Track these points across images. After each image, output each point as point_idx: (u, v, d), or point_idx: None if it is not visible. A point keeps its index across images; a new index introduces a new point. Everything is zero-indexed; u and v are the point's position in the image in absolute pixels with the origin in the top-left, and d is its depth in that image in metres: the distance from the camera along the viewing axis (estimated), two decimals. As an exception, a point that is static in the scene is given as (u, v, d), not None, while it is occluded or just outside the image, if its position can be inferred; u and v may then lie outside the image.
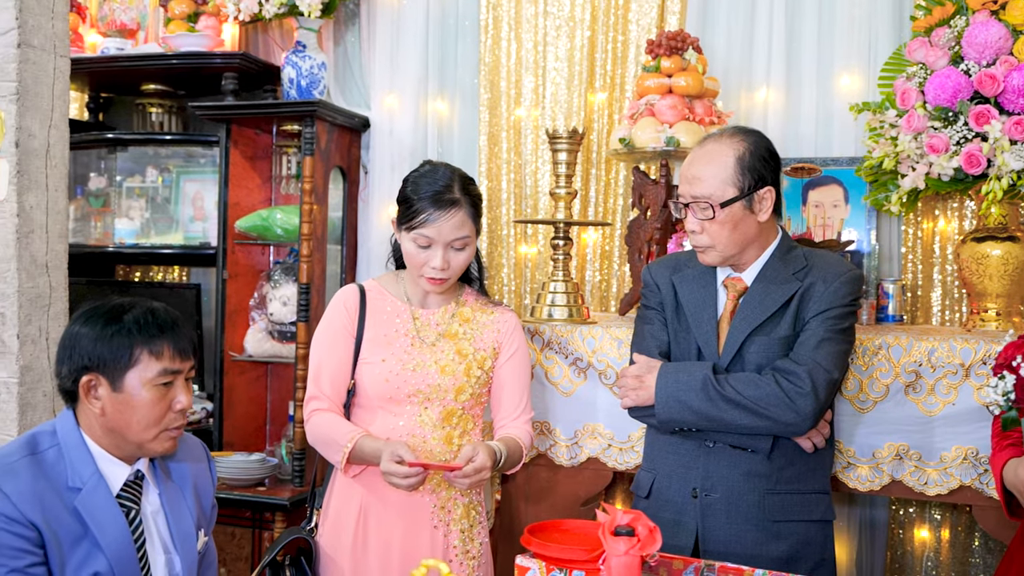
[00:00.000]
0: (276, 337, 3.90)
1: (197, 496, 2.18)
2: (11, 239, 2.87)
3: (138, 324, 1.97)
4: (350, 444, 2.39)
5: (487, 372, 2.53)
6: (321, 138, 3.72)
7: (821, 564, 2.37)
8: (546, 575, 2.06)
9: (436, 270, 2.42)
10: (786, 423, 2.26)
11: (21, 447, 1.95)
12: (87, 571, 1.92)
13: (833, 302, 2.31)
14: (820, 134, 3.46)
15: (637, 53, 3.67)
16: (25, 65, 2.88)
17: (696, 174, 2.32)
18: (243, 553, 3.74)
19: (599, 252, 3.77)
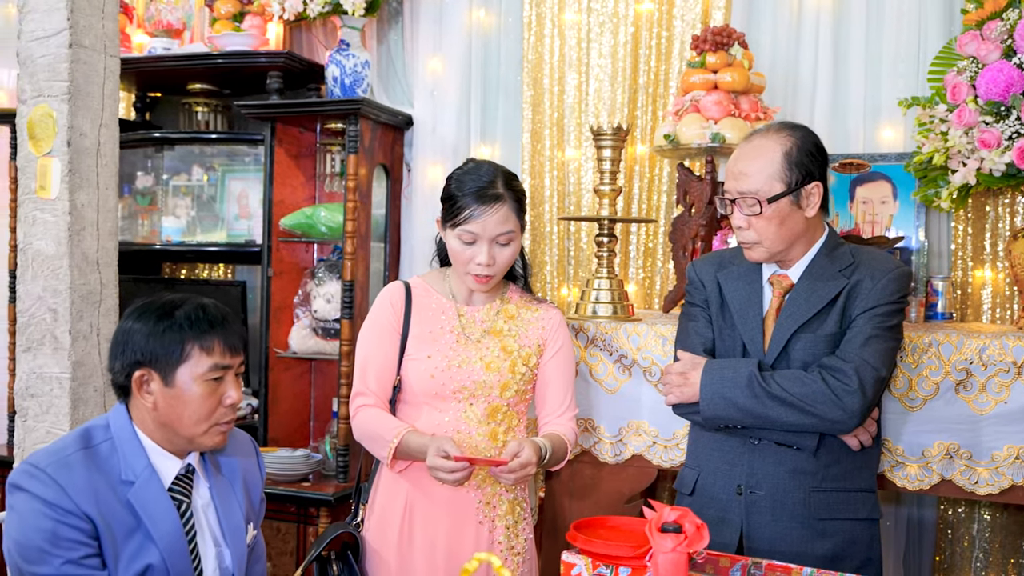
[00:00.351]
0: (320, 334, 3.93)
1: (246, 490, 2.20)
2: (63, 236, 2.92)
3: (189, 320, 2.00)
4: (396, 439, 2.40)
5: (532, 369, 2.53)
6: (365, 136, 3.74)
7: (867, 563, 2.35)
8: (592, 571, 2.06)
9: (482, 266, 2.42)
10: (833, 421, 2.24)
11: (75, 441, 1.99)
12: (140, 563, 1.95)
13: (881, 299, 2.28)
14: (868, 129, 3.43)
15: (682, 49, 3.65)
16: (76, 65, 2.92)
17: (743, 169, 2.30)
18: (288, 548, 3.77)
19: (643, 249, 3.76)
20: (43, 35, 2.92)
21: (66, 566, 1.86)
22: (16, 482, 1.91)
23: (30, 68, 2.96)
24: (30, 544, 1.86)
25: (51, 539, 1.86)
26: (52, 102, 2.92)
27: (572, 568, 2.08)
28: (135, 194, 4.27)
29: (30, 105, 2.97)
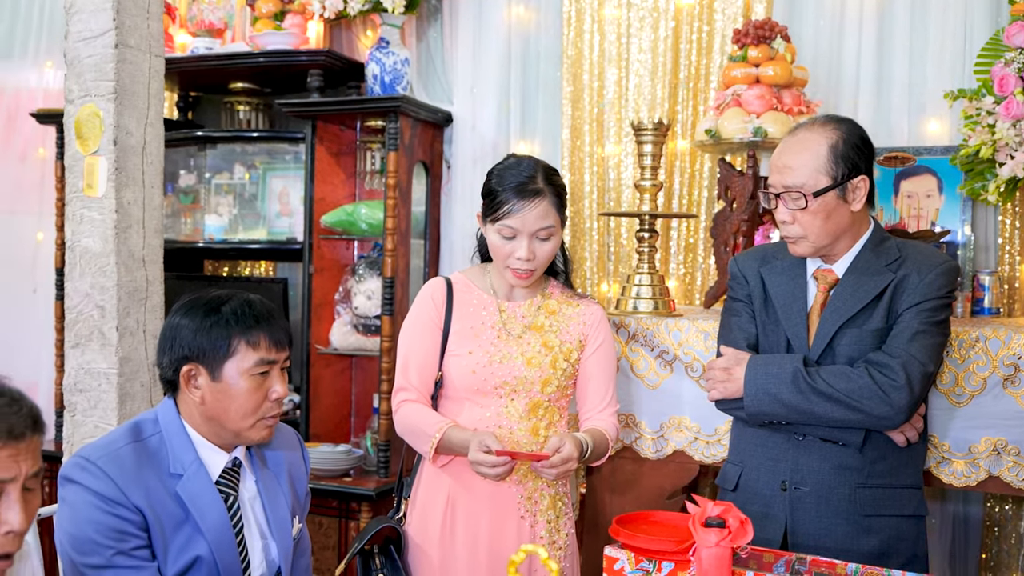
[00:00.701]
0: (361, 330, 3.95)
1: (292, 483, 2.23)
2: (110, 234, 2.96)
3: (236, 315, 2.02)
4: (438, 434, 2.41)
5: (573, 364, 2.53)
6: (405, 133, 3.75)
7: (913, 560, 2.33)
8: (635, 566, 2.06)
9: (521, 261, 2.43)
10: (879, 416, 2.22)
11: (125, 434, 2.01)
12: (188, 555, 1.98)
13: (928, 294, 2.26)
14: (913, 122, 3.39)
15: (722, 43, 3.63)
16: (122, 65, 2.96)
17: (788, 163, 2.28)
18: (330, 542, 3.80)
19: (683, 245, 3.75)
20: (90, 35, 2.97)
21: (117, 557, 1.89)
22: (68, 475, 1.95)
23: (77, 68, 3.00)
24: (82, 535, 1.89)
25: (102, 530, 1.89)
26: (99, 101, 2.97)
27: (615, 562, 2.08)
28: (178, 193, 4.32)
29: (77, 105, 3.01)
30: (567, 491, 2.61)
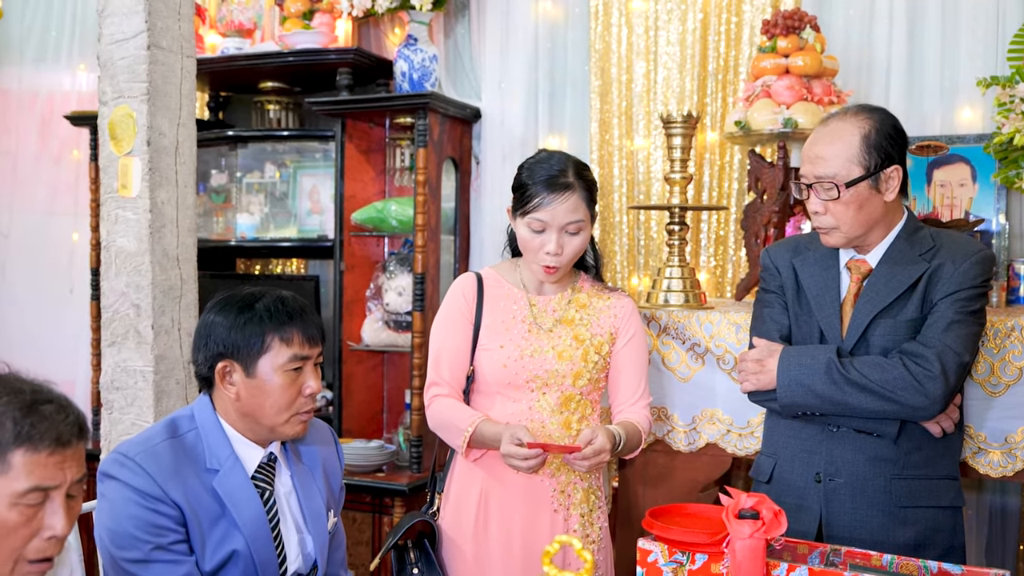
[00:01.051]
0: (392, 327, 3.97)
1: (326, 478, 2.25)
2: (144, 234, 3.00)
3: (269, 312, 2.04)
4: (471, 428, 2.42)
5: (604, 357, 2.53)
6: (434, 130, 3.77)
7: (950, 551, 2.30)
8: (668, 558, 2.06)
9: (551, 256, 2.43)
10: (914, 407, 2.21)
11: (162, 431, 2.04)
12: (225, 549, 2.00)
13: (963, 283, 2.24)
14: (945, 111, 3.36)
15: (751, 34, 3.62)
16: (154, 66, 2.99)
17: (820, 153, 2.26)
18: (363, 537, 3.83)
19: (714, 237, 3.73)
20: (122, 38, 3.00)
21: (155, 551, 1.91)
22: (107, 471, 1.97)
23: (110, 70, 3.03)
24: (121, 530, 1.92)
25: (141, 525, 1.91)
26: (132, 103, 3.00)
27: (648, 555, 2.08)
28: (210, 192, 4.35)
29: (111, 106, 3.04)
30: (600, 484, 2.61)
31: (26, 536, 1.55)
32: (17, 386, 1.57)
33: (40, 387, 1.60)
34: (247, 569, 2.03)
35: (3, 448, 1.51)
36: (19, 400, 1.54)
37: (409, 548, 2.57)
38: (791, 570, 1.93)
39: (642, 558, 2.08)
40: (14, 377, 1.59)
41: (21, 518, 1.53)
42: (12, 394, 1.55)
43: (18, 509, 1.53)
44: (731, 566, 1.90)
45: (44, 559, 1.58)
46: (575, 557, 2.44)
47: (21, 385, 1.58)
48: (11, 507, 1.52)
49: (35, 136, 5.07)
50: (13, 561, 1.55)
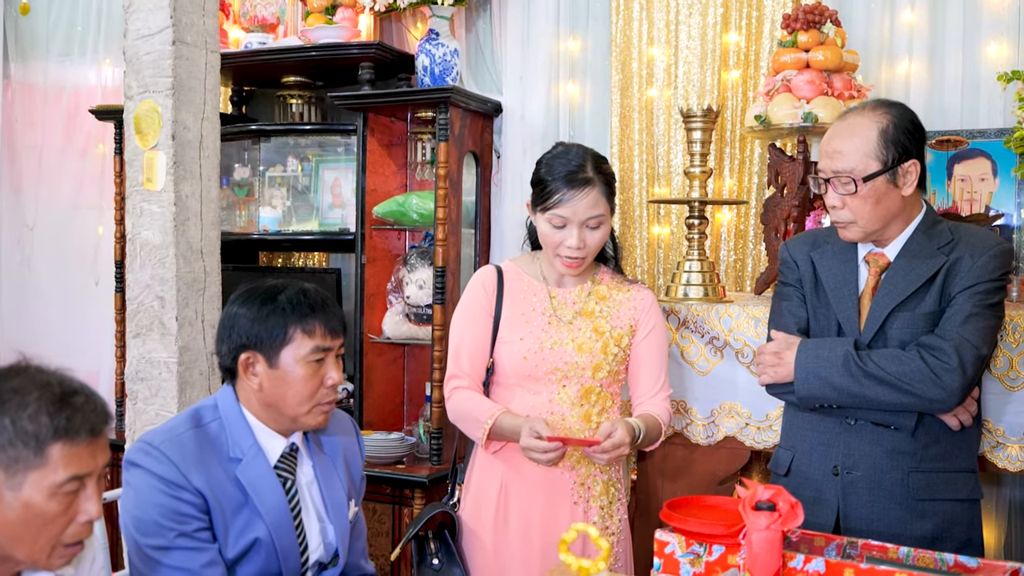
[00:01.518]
0: (413, 320, 4.00)
1: (347, 468, 2.27)
2: (169, 226, 3.04)
3: (291, 304, 2.07)
4: (490, 421, 2.44)
5: (624, 349, 2.54)
6: (455, 124, 3.79)
7: (967, 544, 2.31)
8: (686, 549, 2.08)
9: (572, 249, 2.45)
10: (932, 399, 2.21)
11: (186, 420, 2.07)
12: (248, 537, 2.03)
13: (981, 276, 2.24)
14: (966, 105, 3.34)
15: (772, 29, 3.61)
16: (179, 61, 3.03)
17: (837, 148, 2.27)
18: (384, 528, 3.86)
19: (733, 231, 3.74)
20: (148, 33, 3.03)
21: (180, 539, 1.95)
22: (132, 459, 2.01)
23: (136, 65, 3.07)
24: (146, 518, 1.95)
25: (166, 513, 1.94)
26: (157, 97, 3.03)
27: (665, 546, 2.10)
28: (233, 185, 4.39)
29: (136, 101, 3.08)
30: (620, 477, 2.63)
31: (64, 523, 1.59)
32: (43, 379, 1.60)
33: (64, 378, 1.63)
34: (269, 557, 2.06)
35: (41, 442, 1.55)
36: (50, 394, 1.58)
37: (429, 539, 2.60)
38: (807, 561, 1.94)
39: (659, 549, 2.10)
40: (36, 369, 1.62)
41: (60, 507, 1.58)
42: (41, 388, 1.58)
43: (57, 499, 1.57)
44: (747, 557, 1.91)
45: (78, 542, 1.63)
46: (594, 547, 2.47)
47: (47, 378, 1.61)
48: (50, 498, 1.57)
49: (60, 130, 5.13)
50: (51, 547, 1.60)
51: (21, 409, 1.55)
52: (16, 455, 1.54)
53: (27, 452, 1.54)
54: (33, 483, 1.55)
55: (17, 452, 1.54)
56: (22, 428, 1.54)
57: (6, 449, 1.54)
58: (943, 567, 1.99)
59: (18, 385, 1.57)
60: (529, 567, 2.50)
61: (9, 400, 1.55)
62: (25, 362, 1.63)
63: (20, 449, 1.54)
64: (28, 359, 1.64)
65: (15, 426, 1.54)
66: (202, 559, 1.96)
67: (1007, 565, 1.92)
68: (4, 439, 1.54)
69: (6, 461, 1.54)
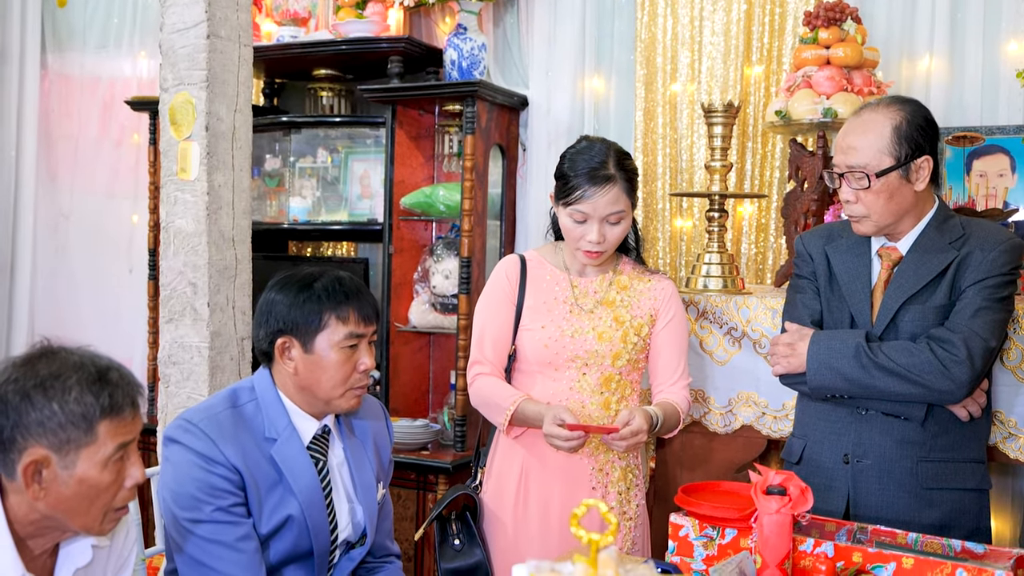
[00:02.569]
0: (438, 309, 4.05)
1: (377, 451, 2.34)
2: (202, 215, 3.11)
3: (327, 291, 2.14)
4: (512, 407, 2.51)
5: (644, 338, 2.60)
6: (481, 117, 3.85)
7: (976, 533, 2.36)
8: (699, 532, 2.14)
9: (592, 244, 2.50)
10: (940, 391, 2.26)
11: (223, 400, 2.15)
12: (281, 514, 2.11)
13: (991, 271, 2.29)
14: (986, 102, 3.37)
15: (794, 25, 3.65)
16: (213, 55, 3.09)
17: (852, 144, 2.32)
18: (408, 513, 3.92)
19: (755, 225, 3.78)
20: (183, 27, 3.10)
21: (216, 513, 2.02)
22: (171, 436, 2.09)
23: (171, 58, 3.14)
24: (184, 492, 2.03)
25: (203, 488, 2.02)
26: (191, 89, 3.10)
27: (680, 529, 2.16)
28: (264, 176, 4.46)
29: (171, 93, 3.15)
30: (638, 463, 2.69)
31: (115, 490, 1.69)
32: (76, 360, 1.67)
33: (93, 356, 1.71)
34: (301, 534, 2.13)
35: (90, 421, 1.63)
36: (87, 374, 1.65)
37: (452, 520, 2.67)
38: (817, 545, 2.01)
39: (674, 532, 2.16)
40: (65, 351, 1.69)
41: (112, 475, 1.68)
42: (77, 370, 1.65)
43: (108, 469, 1.67)
44: (758, 540, 1.97)
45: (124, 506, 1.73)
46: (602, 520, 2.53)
47: (78, 359, 1.68)
48: (103, 470, 1.66)
49: (96, 121, 5.21)
50: (103, 514, 1.70)
51: (65, 393, 1.62)
52: (67, 437, 1.62)
53: (78, 432, 1.63)
54: (85, 459, 1.64)
55: (68, 434, 1.62)
56: (71, 411, 1.62)
57: (57, 433, 1.62)
58: (950, 552, 2.04)
59: (56, 370, 1.64)
60: (548, 549, 2.56)
61: (51, 386, 1.62)
62: (51, 345, 1.70)
63: (71, 431, 1.62)
64: (51, 342, 1.71)
65: (64, 410, 1.62)
66: (237, 533, 2.04)
67: (1013, 551, 1.97)
68: (55, 423, 1.62)
69: (58, 444, 1.62)
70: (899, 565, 1.92)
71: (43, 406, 1.61)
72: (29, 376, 1.63)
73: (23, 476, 1.62)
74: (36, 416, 1.61)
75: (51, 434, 1.62)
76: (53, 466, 1.63)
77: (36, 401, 1.61)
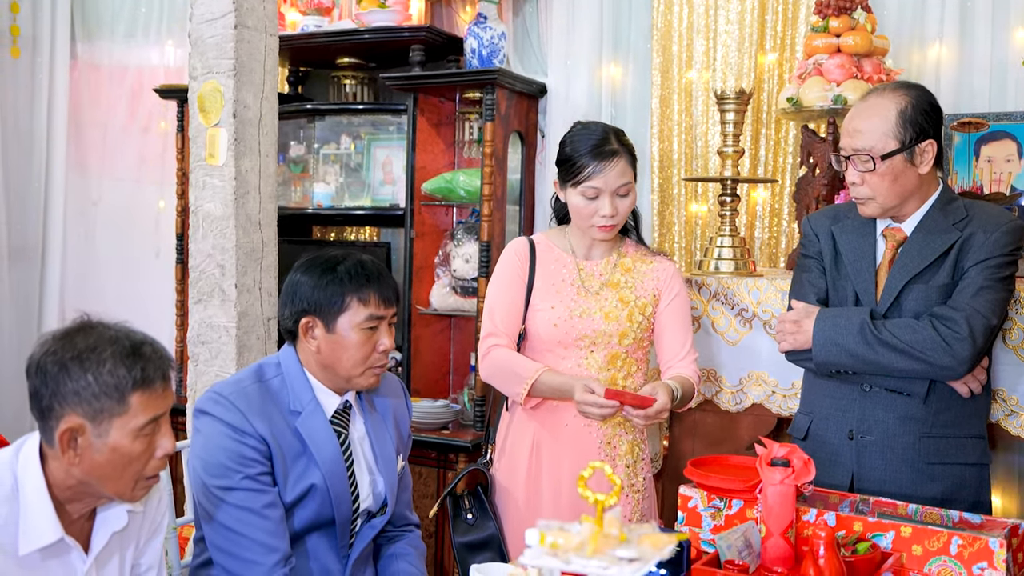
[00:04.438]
0: (459, 292, 4.11)
1: (396, 425, 2.43)
2: (230, 199, 3.20)
3: (349, 274, 2.22)
4: (534, 376, 2.57)
5: (648, 317, 2.68)
6: (501, 104, 3.91)
7: (976, 506, 2.42)
8: (707, 503, 2.22)
9: (607, 217, 2.58)
10: (942, 367, 2.32)
11: (251, 375, 2.25)
12: (305, 483, 2.20)
13: (993, 251, 2.35)
14: (994, 88, 3.42)
15: (807, 14, 3.69)
16: (240, 44, 3.18)
17: (858, 127, 2.38)
18: (428, 491, 3.99)
19: (768, 209, 3.84)
20: (211, 17, 3.19)
21: (244, 481, 2.12)
22: (202, 407, 2.19)
23: (200, 47, 3.23)
24: (214, 461, 2.13)
25: (233, 456, 2.12)
26: (220, 78, 3.19)
27: (688, 500, 2.24)
28: (288, 162, 4.53)
29: (200, 81, 3.24)
30: (644, 438, 2.76)
31: (146, 459, 1.79)
32: (111, 334, 1.76)
33: (129, 331, 1.80)
34: (323, 502, 2.22)
35: (123, 392, 1.73)
36: (121, 348, 1.74)
37: (464, 496, 2.75)
38: (820, 515, 2.09)
39: (683, 503, 2.24)
40: (102, 326, 1.78)
41: (143, 446, 1.77)
42: (111, 343, 1.74)
43: (139, 440, 1.76)
44: (763, 510, 2.05)
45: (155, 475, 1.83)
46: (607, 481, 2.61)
47: (114, 333, 1.77)
48: (134, 439, 1.75)
49: (124, 108, 5.29)
50: (135, 481, 1.79)
51: (100, 365, 1.72)
52: (101, 407, 1.72)
53: (111, 403, 1.72)
54: (118, 428, 1.74)
55: (102, 404, 1.72)
56: (104, 382, 1.71)
57: (91, 403, 1.71)
58: (949, 523, 2.12)
59: (92, 343, 1.73)
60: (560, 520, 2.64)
61: (88, 358, 1.72)
62: (90, 320, 1.79)
63: (104, 401, 1.72)
64: (90, 316, 1.80)
65: (98, 381, 1.71)
66: (263, 500, 2.14)
67: (1008, 521, 2.04)
68: (89, 394, 1.71)
69: (92, 413, 1.72)
70: (898, 534, 1.99)
71: (79, 377, 1.71)
72: (67, 348, 1.72)
73: (60, 442, 1.72)
74: (72, 386, 1.70)
75: (86, 403, 1.71)
76: (88, 434, 1.72)
77: (72, 372, 1.71)
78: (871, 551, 1.96)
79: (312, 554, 2.27)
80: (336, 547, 2.29)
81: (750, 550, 2.00)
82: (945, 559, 1.93)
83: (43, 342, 1.76)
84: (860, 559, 1.92)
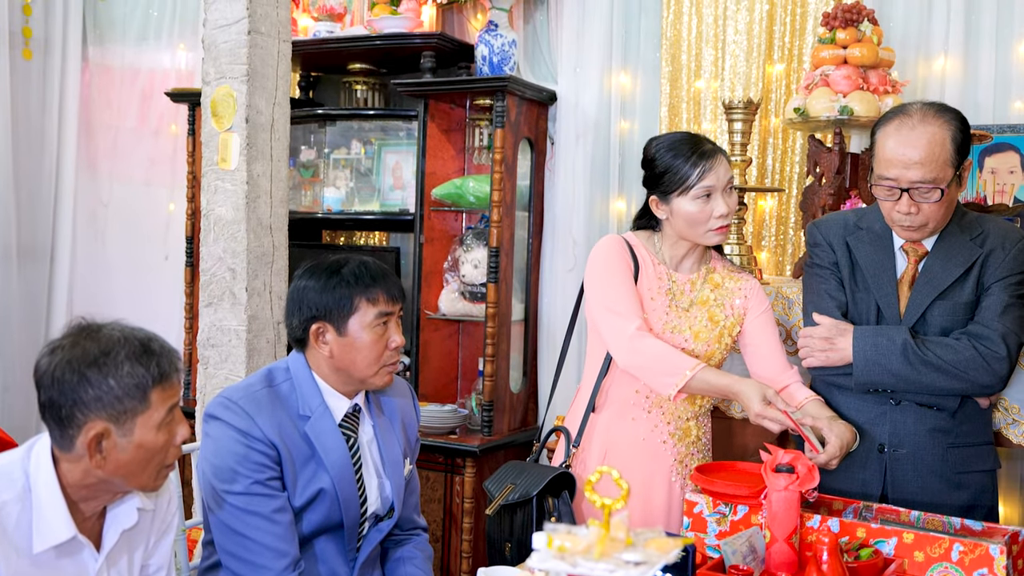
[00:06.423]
0: (467, 297, 4.12)
1: (404, 428, 2.45)
2: (241, 203, 3.22)
3: (355, 276, 2.25)
4: (693, 371, 2.45)
5: (734, 338, 2.65)
6: (511, 111, 3.94)
7: (991, 511, 2.47)
8: (713, 509, 2.24)
9: (723, 217, 2.54)
10: (983, 385, 2.36)
11: (260, 380, 2.27)
12: (314, 487, 2.22)
13: (1013, 268, 2.38)
14: (998, 100, 3.44)
15: (815, 25, 3.71)
16: (254, 50, 3.21)
17: (915, 159, 2.28)
18: (436, 495, 4.00)
19: (775, 218, 3.87)
20: (225, 23, 3.22)
21: (254, 486, 2.14)
22: (212, 412, 2.21)
23: (213, 53, 3.26)
24: (224, 465, 2.15)
25: (242, 461, 2.14)
26: (233, 83, 3.22)
27: (694, 506, 2.27)
28: (299, 167, 4.55)
29: (213, 86, 3.27)
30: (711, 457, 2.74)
31: (166, 448, 1.82)
32: (118, 335, 1.78)
33: (128, 328, 1.82)
34: (332, 507, 2.24)
35: (144, 390, 1.76)
36: (132, 347, 1.77)
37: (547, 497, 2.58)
38: (824, 520, 2.11)
39: (689, 509, 2.27)
40: (103, 327, 1.80)
41: (165, 436, 1.81)
42: (123, 345, 1.77)
43: (161, 432, 1.80)
44: (768, 516, 2.07)
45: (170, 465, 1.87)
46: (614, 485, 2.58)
47: (119, 333, 1.79)
48: (157, 432, 1.79)
49: (135, 111, 5.32)
50: (157, 471, 1.83)
51: (119, 368, 1.74)
52: (124, 408, 1.75)
53: (134, 402, 1.76)
54: (141, 425, 1.77)
55: (125, 405, 1.75)
56: (126, 384, 1.74)
57: (115, 405, 1.74)
58: (950, 529, 2.14)
59: (104, 347, 1.76)
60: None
61: (105, 363, 1.74)
62: (89, 323, 1.81)
63: (128, 402, 1.75)
64: (86, 320, 1.82)
65: (120, 384, 1.74)
66: (273, 505, 2.15)
67: (1009, 528, 2.07)
68: (112, 397, 1.74)
69: (116, 415, 1.75)
70: (900, 540, 2.02)
71: (99, 382, 1.73)
72: (80, 356, 1.74)
73: (87, 448, 1.74)
74: (94, 392, 1.73)
75: (109, 407, 1.74)
76: (113, 436, 1.75)
77: (92, 379, 1.73)
78: (874, 557, 1.98)
79: (320, 557, 2.29)
80: (344, 550, 2.31)
81: (755, 555, 2.03)
82: (947, 565, 1.95)
83: (49, 351, 1.77)
84: (863, 565, 1.95)
